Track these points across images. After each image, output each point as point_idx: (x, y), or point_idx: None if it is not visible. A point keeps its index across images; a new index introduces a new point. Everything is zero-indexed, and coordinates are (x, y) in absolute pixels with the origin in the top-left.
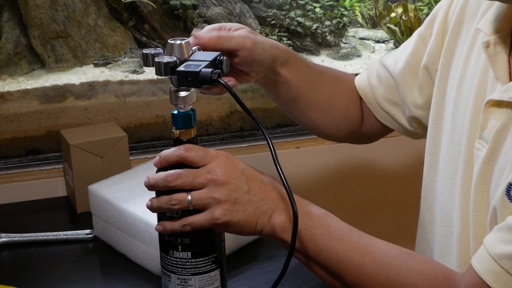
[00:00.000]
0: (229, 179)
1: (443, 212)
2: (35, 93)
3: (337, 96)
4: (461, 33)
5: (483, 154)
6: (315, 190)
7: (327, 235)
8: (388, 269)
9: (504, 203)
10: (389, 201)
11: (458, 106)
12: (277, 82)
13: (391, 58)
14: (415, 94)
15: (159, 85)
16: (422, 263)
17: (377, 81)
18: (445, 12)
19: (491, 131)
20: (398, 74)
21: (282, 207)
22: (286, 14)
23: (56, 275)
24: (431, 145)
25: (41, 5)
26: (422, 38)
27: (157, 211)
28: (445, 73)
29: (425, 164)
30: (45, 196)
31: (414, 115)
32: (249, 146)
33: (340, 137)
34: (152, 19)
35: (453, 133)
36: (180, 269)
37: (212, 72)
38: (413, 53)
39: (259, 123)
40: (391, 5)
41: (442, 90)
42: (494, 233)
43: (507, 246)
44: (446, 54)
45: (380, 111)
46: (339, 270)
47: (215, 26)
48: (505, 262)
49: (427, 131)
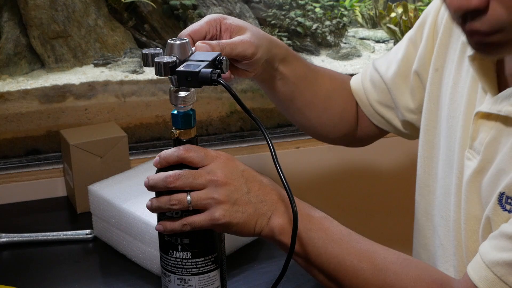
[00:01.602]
0: (229, 180)
1: (441, 217)
2: (35, 93)
3: (334, 97)
4: (451, 39)
5: (474, 165)
6: (315, 190)
7: (325, 238)
8: (386, 275)
9: (497, 212)
10: (390, 201)
11: (452, 114)
12: (274, 78)
13: (383, 63)
14: (408, 99)
15: (159, 85)
16: (419, 270)
17: (370, 85)
18: (435, 16)
19: (482, 143)
20: (390, 80)
21: (281, 209)
22: (286, 14)
23: (56, 275)
24: (424, 151)
25: (41, 5)
26: (413, 42)
27: (157, 211)
28: (437, 79)
29: (418, 168)
30: (45, 196)
31: (407, 119)
32: (249, 146)
33: (335, 138)
34: (152, 19)
35: (450, 140)
36: (180, 269)
37: (212, 72)
38: (404, 58)
39: (259, 123)
40: (391, 5)
41: (434, 95)
42: (489, 241)
43: (500, 253)
44: (437, 60)
45: (374, 114)
46: (337, 274)
47: (213, 18)
48: (498, 270)
49: (420, 136)
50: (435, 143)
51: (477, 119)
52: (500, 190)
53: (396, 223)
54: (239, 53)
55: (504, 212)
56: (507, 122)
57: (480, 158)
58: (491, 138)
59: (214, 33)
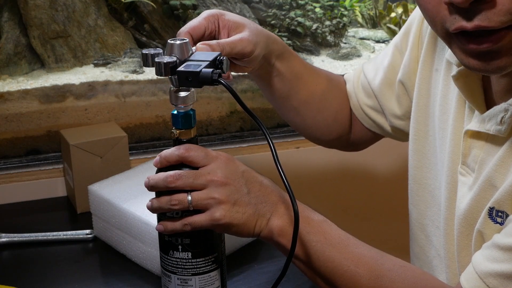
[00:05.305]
0: (230, 180)
1: (436, 227)
2: (35, 93)
3: (330, 98)
4: (437, 48)
5: (469, 182)
6: (314, 190)
7: (324, 242)
8: (382, 281)
9: (488, 226)
10: (390, 201)
11: (443, 126)
12: (271, 75)
13: (372, 69)
14: (394, 106)
15: (159, 85)
16: (415, 277)
17: (361, 89)
18: (419, 24)
19: (476, 161)
20: (377, 87)
21: (281, 210)
22: (286, 14)
23: (56, 275)
24: (414, 160)
25: (41, 5)
26: (399, 49)
27: (158, 211)
28: (424, 89)
29: (409, 178)
30: (45, 196)
31: (395, 125)
32: (249, 146)
33: (329, 141)
34: (152, 19)
35: (441, 151)
36: (180, 269)
37: (213, 72)
38: (390, 65)
39: (260, 122)
40: (391, 5)
41: (422, 105)
42: (482, 251)
43: (492, 264)
44: (423, 69)
45: (366, 118)
46: (333, 278)
47: (211, 13)
48: (490, 281)
49: (409, 145)
50: (425, 152)
51: (467, 137)
52: (489, 205)
53: (396, 224)
54: (238, 51)
55: (495, 224)
56: (496, 141)
57: (475, 175)
58: (483, 157)
59: (212, 29)
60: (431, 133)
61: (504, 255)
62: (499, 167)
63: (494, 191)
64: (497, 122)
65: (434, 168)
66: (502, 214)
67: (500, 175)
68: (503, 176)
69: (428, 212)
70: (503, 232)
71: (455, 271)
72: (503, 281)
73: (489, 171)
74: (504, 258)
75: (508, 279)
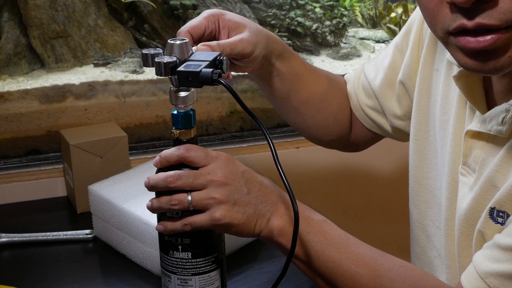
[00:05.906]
0: (230, 180)
1: (437, 228)
2: (35, 93)
3: (330, 98)
4: (437, 49)
5: (470, 182)
6: (314, 190)
7: (324, 242)
8: (382, 281)
9: (489, 226)
10: (391, 201)
11: (444, 126)
12: (271, 74)
13: (372, 69)
14: (395, 106)
15: (159, 85)
16: (416, 277)
17: (361, 90)
18: (420, 24)
19: (477, 161)
20: (378, 88)
21: (281, 210)
22: (286, 14)
23: (56, 275)
24: (415, 160)
25: (41, 5)
26: (399, 50)
27: (158, 211)
28: (425, 90)
29: (410, 178)
30: (45, 196)
31: (396, 125)
32: (249, 146)
33: (329, 141)
34: (152, 19)
35: (442, 151)
36: (180, 269)
37: (213, 72)
38: (391, 65)
39: (260, 122)
40: (391, 5)
41: (423, 106)
42: (482, 251)
43: (493, 264)
44: (424, 70)
45: (366, 118)
46: (334, 278)
47: (211, 13)
48: (491, 280)
49: (409, 145)
50: (426, 152)
51: (468, 138)
52: (490, 206)
53: (397, 224)
54: (238, 52)
55: (496, 225)
56: (497, 141)
57: (476, 176)
58: (484, 157)
59: (213, 29)
60: (432, 134)
61: (505, 255)
62: (500, 168)
63: (495, 192)
64: (498, 122)
65: (434, 168)
66: (503, 214)
67: (501, 176)
68: (504, 177)
69: (428, 213)
70: (504, 232)
71: (456, 271)
72: (504, 281)
73: (490, 172)
74: (505, 258)
75: (509, 279)
